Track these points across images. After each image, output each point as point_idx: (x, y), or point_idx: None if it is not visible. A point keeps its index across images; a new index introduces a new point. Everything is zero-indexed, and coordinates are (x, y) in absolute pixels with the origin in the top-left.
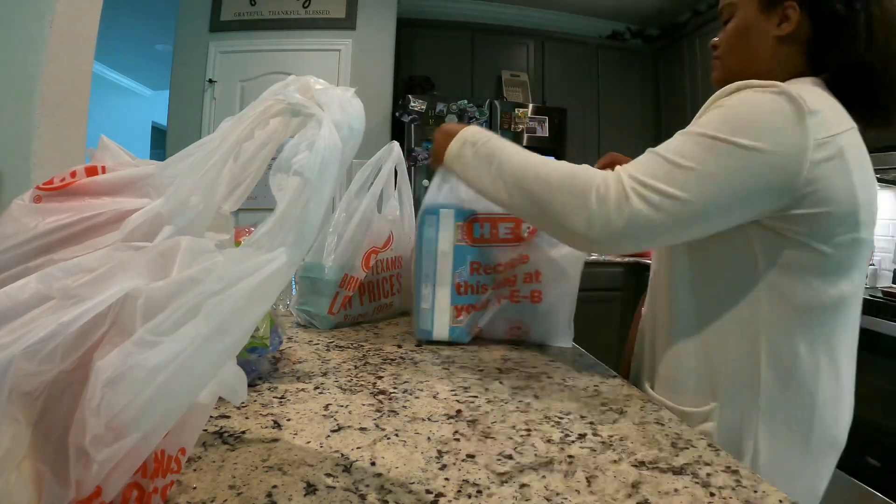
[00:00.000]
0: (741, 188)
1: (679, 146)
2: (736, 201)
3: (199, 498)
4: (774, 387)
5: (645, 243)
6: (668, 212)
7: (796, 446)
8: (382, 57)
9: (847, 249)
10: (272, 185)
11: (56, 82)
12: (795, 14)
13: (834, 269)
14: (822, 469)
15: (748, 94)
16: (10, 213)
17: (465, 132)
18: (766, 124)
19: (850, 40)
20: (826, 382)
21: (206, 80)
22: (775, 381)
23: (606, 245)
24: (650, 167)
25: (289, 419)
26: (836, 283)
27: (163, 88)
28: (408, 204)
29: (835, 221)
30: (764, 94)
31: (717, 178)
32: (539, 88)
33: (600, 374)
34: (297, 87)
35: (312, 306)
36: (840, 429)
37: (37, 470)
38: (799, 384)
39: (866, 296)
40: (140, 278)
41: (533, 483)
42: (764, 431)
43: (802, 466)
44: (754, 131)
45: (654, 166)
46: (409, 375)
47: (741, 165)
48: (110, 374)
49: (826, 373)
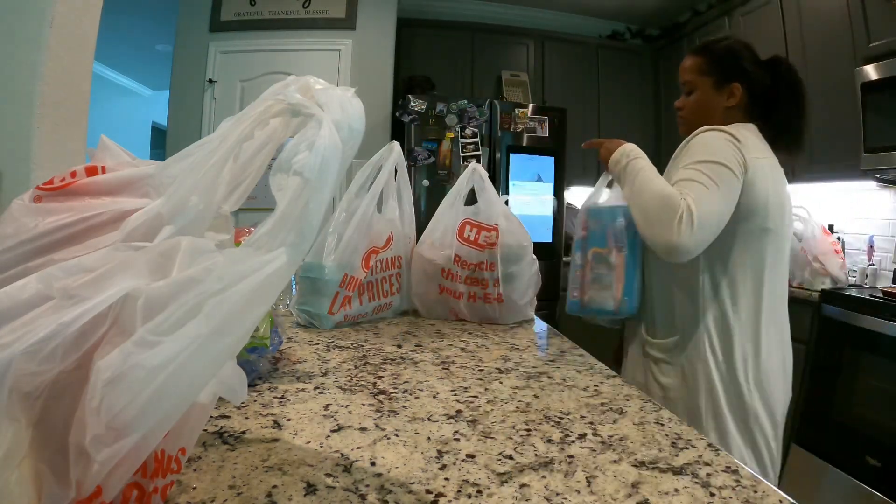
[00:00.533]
0: (735, 194)
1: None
2: (734, 202)
3: (199, 498)
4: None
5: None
6: (711, 228)
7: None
8: (382, 57)
9: (759, 231)
10: (272, 185)
11: (56, 82)
12: (739, 91)
13: (744, 240)
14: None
15: (707, 133)
16: (10, 213)
17: (626, 147)
18: (718, 147)
19: (773, 104)
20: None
21: (206, 80)
22: (713, 322)
23: (683, 254)
24: (697, 199)
25: (289, 419)
26: (743, 250)
27: (163, 88)
28: (408, 204)
29: (753, 210)
30: (713, 132)
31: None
32: (539, 88)
33: (600, 374)
34: (298, 87)
35: (312, 306)
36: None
37: (37, 470)
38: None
39: (866, 296)
40: (140, 278)
41: (533, 483)
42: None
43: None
44: (713, 151)
45: (698, 196)
46: (409, 375)
47: (723, 173)
48: (110, 374)
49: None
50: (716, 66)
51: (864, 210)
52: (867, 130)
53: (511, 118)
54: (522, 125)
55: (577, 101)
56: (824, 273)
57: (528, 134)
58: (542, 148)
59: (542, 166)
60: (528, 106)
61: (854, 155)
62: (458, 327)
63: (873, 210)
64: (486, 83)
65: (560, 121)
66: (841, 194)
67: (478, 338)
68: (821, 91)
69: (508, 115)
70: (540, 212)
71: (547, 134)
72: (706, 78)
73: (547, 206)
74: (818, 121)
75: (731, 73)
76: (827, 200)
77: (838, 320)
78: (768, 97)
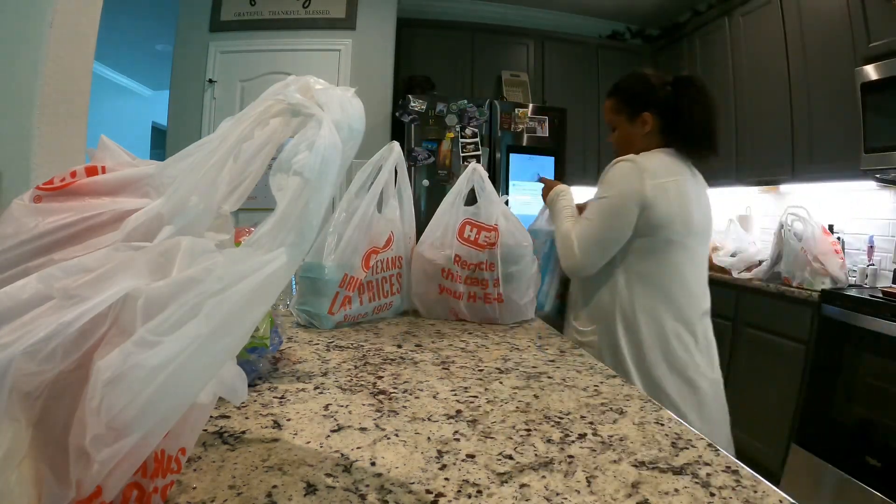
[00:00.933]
0: (622, 220)
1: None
2: (620, 227)
3: (199, 498)
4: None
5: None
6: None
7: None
8: (382, 57)
9: (664, 242)
10: (272, 185)
11: (56, 82)
12: (650, 118)
13: (651, 252)
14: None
15: (617, 165)
16: (10, 213)
17: (558, 188)
18: (620, 178)
19: (683, 125)
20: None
21: (206, 80)
22: (621, 314)
23: (578, 272)
24: (580, 233)
25: (289, 419)
26: (651, 260)
27: (163, 88)
28: (408, 204)
29: (657, 226)
30: (622, 163)
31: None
32: (539, 88)
33: (600, 374)
34: (297, 87)
35: (312, 306)
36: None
37: (37, 470)
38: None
39: (866, 296)
40: (140, 278)
41: (533, 483)
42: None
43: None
44: (612, 186)
45: (581, 231)
46: (409, 375)
47: (612, 207)
48: (110, 374)
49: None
50: (625, 103)
51: (864, 210)
52: (867, 130)
53: (511, 118)
54: (522, 125)
55: (577, 101)
56: (824, 273)
57: (528, 134)
58: (542, 148)
59: (542, 166)
60: (528, 106)
61: (854, 155)
62: (458, 327)
63: (873, 210)
64: (486, 83)
65: (560, 121)
66: (841, 194)
67: (478, 338)
68: (821, 91)
69: (508, 115)
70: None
71: (547, 134)
72: (621, 115)
73: None
74: (818, 121)
75: (639, 105)
76: (827, 200)
77: (838, 320)
78: (677, 114)
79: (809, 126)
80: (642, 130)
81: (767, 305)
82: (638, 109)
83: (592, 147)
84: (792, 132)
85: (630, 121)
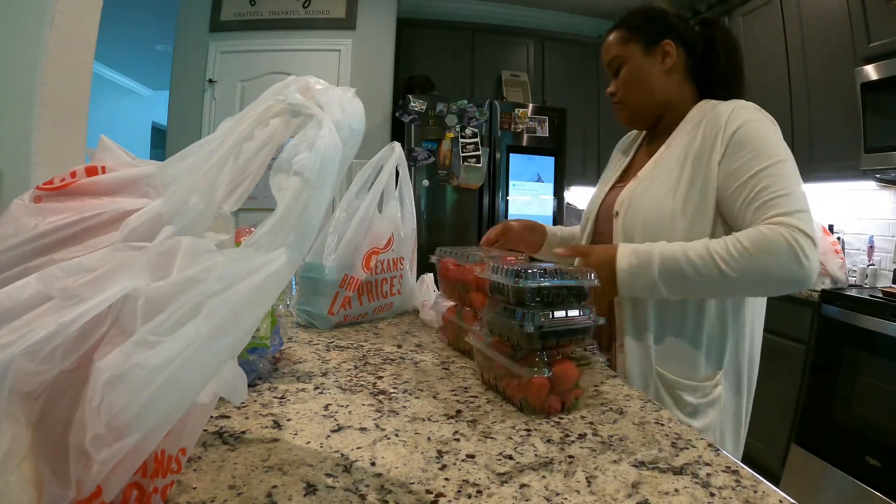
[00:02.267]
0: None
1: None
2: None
3: (199, 498)
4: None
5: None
6: None
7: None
8: (382, 57)
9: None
10: (272, 186)
11: (56, 82)
12: (672, 48)
13: None
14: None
15: (755, 116)
16: (10, 213)
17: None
18: (776, 134)
19: (722, 71)
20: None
21: (206, 80)
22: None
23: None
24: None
25: (289, 419)
26: None
27: (163, 88)
28: (409, 204)
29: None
30: (757, 113)
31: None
32: (539, 88)
33: (600, 374)
34: (298, 87)
35: (312, 306)
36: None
37: (37, 470)
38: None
39: (866, 296)
40: (140, 278)
41: (533, 483)
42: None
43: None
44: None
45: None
46: (409, 375)
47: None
48: (110, 374)
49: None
50: (640, 28)
51: (864, 210)
52: (867, 130)
53: (511, 118)
54: (522, 125)
55: (577, 101)
56: (824, 273)
57: (527, 134)
58: (541, 148)
59: (542, 166)
60: (528, 106)
61: (854, 155)
62: None
63: (873, 210)
64: (486, 83)
65: (560, 121)
66: (841, 194)
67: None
68: (821, 91)
69: (508, 115)
70: (539, 212)
71: (547, 134)
72: (632, 45)
73: (547, 206)
74: (818, 121)
75: (658, 31)
76: (827, 200)
77: (838, 320)
78: (709, 57)
79: (809, 126)
80: (662, 65)
81: (767, 305)
82: (657, 36)
83: (592, 147)
84: (792, 132)
85: (646, 52)
